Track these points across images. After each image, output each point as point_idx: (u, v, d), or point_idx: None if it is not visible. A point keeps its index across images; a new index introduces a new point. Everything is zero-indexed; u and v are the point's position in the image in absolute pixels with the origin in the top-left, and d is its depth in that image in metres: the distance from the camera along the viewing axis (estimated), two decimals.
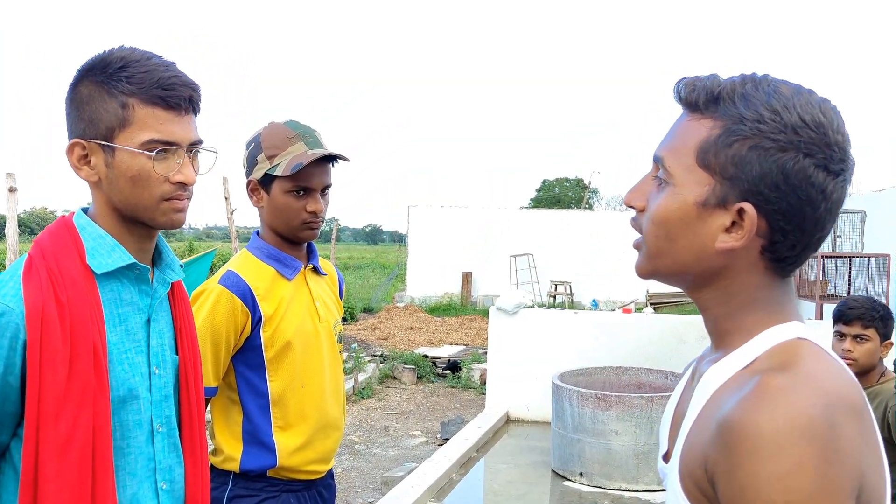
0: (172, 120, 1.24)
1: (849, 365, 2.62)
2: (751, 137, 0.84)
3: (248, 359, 1.80)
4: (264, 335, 1.79)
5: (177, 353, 1.38)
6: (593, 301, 18.39)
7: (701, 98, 0.89)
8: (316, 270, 1.98)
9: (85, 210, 1.31)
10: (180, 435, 1.37)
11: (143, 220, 1.28)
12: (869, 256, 8.71)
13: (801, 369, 0.81)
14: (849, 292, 9.45)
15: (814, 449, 0.74)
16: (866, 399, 0.84)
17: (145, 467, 1.29)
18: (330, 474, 1.97)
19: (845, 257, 9.13)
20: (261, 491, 1.80)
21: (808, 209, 0.85)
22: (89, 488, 1.17)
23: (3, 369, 1.15)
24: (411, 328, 13.83)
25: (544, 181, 62.08)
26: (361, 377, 8.71)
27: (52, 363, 1.15)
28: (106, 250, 1.26)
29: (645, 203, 0.94)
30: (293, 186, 1.80)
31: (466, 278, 19.66)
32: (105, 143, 1.23)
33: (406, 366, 9.72)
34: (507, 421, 7.09)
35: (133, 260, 1.28)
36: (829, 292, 9.95)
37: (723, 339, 0.92)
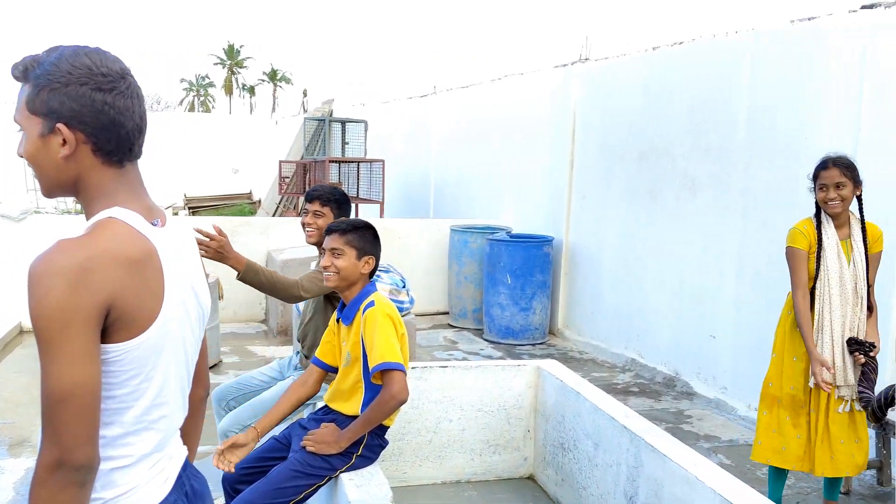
0: None
1: (312, 234, 3.29)
2: (47, 86, 1.28)
3: None
4: None
5: None
6: None
7: (20, 73, 1.32)
8: None
9: None
10: None
11: None
12: (370, 161, 10.05)
13: (85, 236, 1.24)
14: (357, 192, 10.80)
15: (61, 281, 1.17)
16: (149, 254, 1.28)
17: None
18: None
19: (352, 162, 10.38)
20: None
21: (103, 117, 1.30)
22: None
23: None
24: None
25: None
26: None
27: None
28: None
29: (22, 151, 1.34)
30: None
31: None
32: None
33: None
34: (21, 332, 6.79)
35: None
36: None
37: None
